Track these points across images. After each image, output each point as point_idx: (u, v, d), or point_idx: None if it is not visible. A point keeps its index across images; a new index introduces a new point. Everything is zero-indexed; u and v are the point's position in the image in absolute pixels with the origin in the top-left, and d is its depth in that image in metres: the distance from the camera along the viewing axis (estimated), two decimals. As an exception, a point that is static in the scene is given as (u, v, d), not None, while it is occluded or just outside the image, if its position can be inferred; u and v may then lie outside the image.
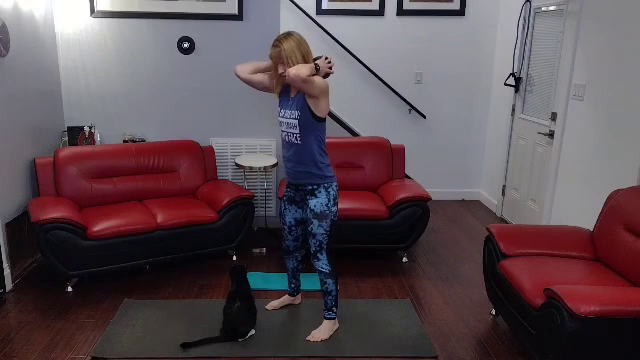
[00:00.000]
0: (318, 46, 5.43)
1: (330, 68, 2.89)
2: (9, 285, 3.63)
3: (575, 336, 2.33)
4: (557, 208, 4.33)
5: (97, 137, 4.55)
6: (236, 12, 4.50)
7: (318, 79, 2.79)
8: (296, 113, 2.89)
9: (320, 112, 2.89)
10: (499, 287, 3.13)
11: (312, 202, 2.99)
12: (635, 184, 3.29)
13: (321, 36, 5.42)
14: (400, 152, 4.70)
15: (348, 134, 5.01)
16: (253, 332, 3.12)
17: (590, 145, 3.88)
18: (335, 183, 3.04)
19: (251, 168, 4.49)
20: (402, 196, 4.09)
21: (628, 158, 3.44)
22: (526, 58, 4.99)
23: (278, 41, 2.86)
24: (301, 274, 3.47)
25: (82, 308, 3.43)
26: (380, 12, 5.51)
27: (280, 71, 2.88)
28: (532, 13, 4.86)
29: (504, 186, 5.41)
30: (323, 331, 3.13)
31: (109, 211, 3.86)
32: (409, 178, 4.91)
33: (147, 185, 4.24)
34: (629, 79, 3.46)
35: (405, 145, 4.78)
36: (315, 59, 2.87)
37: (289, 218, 3.21)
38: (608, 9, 3.71)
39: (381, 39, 5.55)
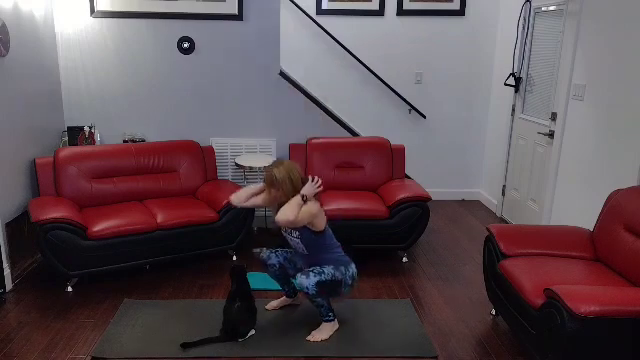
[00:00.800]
0: (318, 46, 5.46)
1: (319, 187, 3.02)
2: (9, 285, 3.63)
3: (575, 336, 2.33)
4: (557, 208, 4.33)
5: (97, 137, 4.55)
6: (236, 12, 4.50)
7: (306, 208, 2.95)
8: (296, 233, 3.06)
9: (318, 227, 3.04)
10: (499, 287, 3.13)
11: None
12: (635, 184, 3.29)
13: (321, 36, 5.42)
14: (400, 152, 4.70)
15: (348, 134, 5.01)
16: (253, 332, 3.12)
17: (590, 145, 3.88)
18: (353, 265, 3.13)
19: (251, 168, 4.49)
20: (402, 196, 4.09)
21: (628, 158, 3.44)
22: (526, 58, 4.99)
23: (270, 168, 3.06)
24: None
25: (82, 308, 3.43)
26: (380, 12, 5.51)
27: (272, 194, 3.06)
28: (532, 13, 4.86)
29: (504, 186, 5.41)
30: (323, 331, 3.13)
31: (109, 211, 3.86)
32: (409, 178, 4.91)
33: (147, 185, 4.24)
34: (629, 79, 3.46)
35: (405, 145, 4.78)
36: (303, 181, 3.01)
37: (274, 260, 3.27)
38: (608, 9, 3.71)
39: (381, 39, 5.55)
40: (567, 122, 4.19)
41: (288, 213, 2.90)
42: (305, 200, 2.95)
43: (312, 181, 3.00)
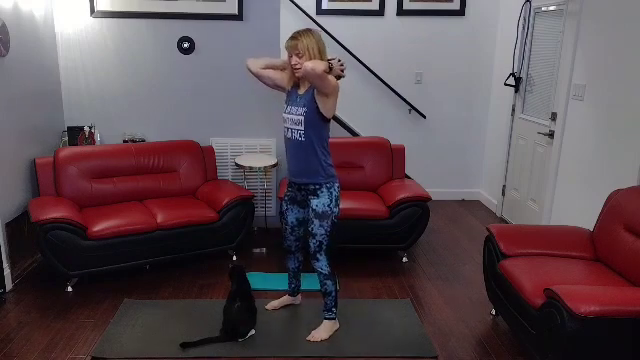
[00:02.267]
0: (318, 46, 5.45)
1: (342, 71, 2.90)
2: (9, 285, 3.63)
3: (575, 336, 2.33)
4: (557, 208, 4.33)
5: (97, 137, 4.55)
6: (236, 12, 4.50)
7: (331, 77, 2.80)
8: (302, 110, 2.91)
9: (327, 111, 2.90)
10: (499, 287, 3.13)
11: (314, 202, 2.99)
12: (635, 184, 3.29)
13: (321, 36, 5.40)
14: (400, 152, 4.70)
15: (348, 134, 5.01)
16: (253, 332, 3.12)
17: (590, 145, 3.88)
18: (337, 184, 3.05)
19: (251, 168, 4.49)
20: (402, 196, 4.09)
21: (628, 158, 3.44)
22: (526, 58, 4.99)
23: (298, 33, 2.90)
24: (302, 274, 3.47)
25: (82, 308, 3.43)
26: (380, 12, 5.51)
27: (293, 62, 2.90)
28: (532, 13, 4.86)
29: (504, 186, 5.41)
30: (323, 331, 3.13)
31: (109, 211, 3.86)
32: (409, 178, 4.91)
33: (147, 185, 4.24)
34: (629, 79, 3.46)
35: (405, 145, 4.78)
36: (329, 60, 2.87)
37: (291, 218, 3.22)
38: (608, 9, 3.71)
39: (381, 39, 5.55)
40: (567, 122, 4.19)
41: (317, 64, 2.71)
42: (331, 68, 2.79)
43: (337, 61, 2.87)
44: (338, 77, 2.88)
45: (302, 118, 2.91)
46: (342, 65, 2.89)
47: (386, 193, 4.33)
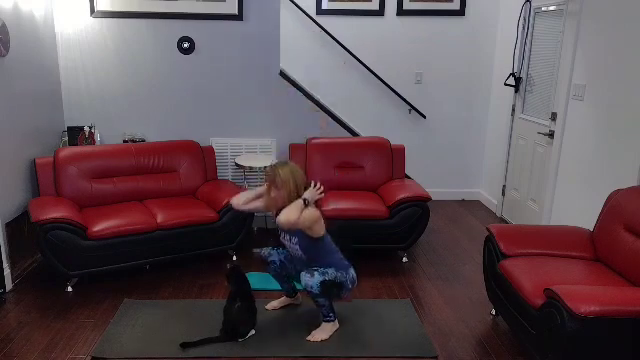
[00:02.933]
0: (318, 46, 5.46)
1: (321, 194, 3.02)
2: (9, 285, 3.63)
3: (575, 336, 2.33)
4: (557, 208, 4.33)
5: (97, 137, 4.55)
6: (236, 12, 4.50)
7: (307, 213, 2.92)
8: (295, 239, 3.06)
9: (316, 234, 3.01)
10: (499, 287, 3.13)
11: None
12: (635, 184, 3.29)
13: (321, 36, 5.42)
14: (400, 152, 4.70)
15: (348, 134, 5.01)
16: (253, 332, 3.12)
17: (590, 145, 3.88)
18: (352, 270, 3.12)
19: (251, 168, 4.49)
20: (402, 196, 4.09)
21: (628, 158, 3.44)
22: (526, 58, 4.99)
23: (275, 167, 3.03)
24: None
25: (82, 308, 3.43)
26: (380, 12, 5.51)
27: (273, 195, 3.02)
28: (532, 13, 4.86)
29: (504, 186, 5.41)
30: (323, 331, 3.13)
31: (109, 211, 3.86)
32: (409, 178, 4.91)
33: (147, 185, 4.24)
34: (629, 79, 3.46)
35: (405, 145, 4.78)
36: (304, 199, 2.96)
37: (275, 257, 3.26)
38: (608, 9, 3.71)
39: (381, 39, 5.55)
40: (567, 122, 4.19)
41: (290, 214, 2.88)
42: (307, 204, 2.93)
43: (314, 186, 3.00)
44: (317, 201, 3.02)
45: (297, 247, 3.07)
46: (319, 189, 3.01)
47: (386, 193, 4.33)
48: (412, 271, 4.11)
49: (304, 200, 2.93)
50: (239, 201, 3.23)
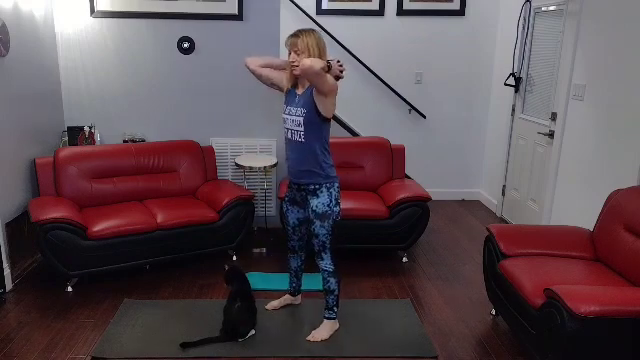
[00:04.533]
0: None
1: (341, 72, 2.87)
2: (9, 285, 3.63)
3: (575, 336, 2.33)
4: (557, 208, 4.33)
5: (97, 137, 4.55)
6: (236, 12, 4.50)
7: (329, 77, 2.78)
8: (302, 110, 2.90)
9: (326, 112, 2.89)
10: (499, 287, 3.13)
11: (314, 202, 2.99)
12: (635, 184, 3.29)
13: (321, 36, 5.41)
14: (400, 152, 4.70)
15: (348, 134, 5.01)
16: (253, 332, 3.12)
17: (590, 145, 3.88)
18: (337, 184, 3.05)
19: (251, 168, 4.49)
20: (402, 196, 4.09)
21: (628, 158, 3.44)
22: (526, 58, 4.99)
23: (299, 31, 2.90)
24: (303, 274, 3.46)
25: (82, 308, 3.43)
26: (380, 12, 5.51)
27: (292, 59, 2.89)
28: (532, 13, 4.86)
29: (504, 186, 5.41)
30: (323, 331, 3.13)
31: (109, 211, 3.86)
32: (409, 178, 4.91)
33: (147, 185, 4.24)
34: (629, 79, 3.46)
35: (405, 145, 4.78)
36: (328, 60, 2.85)
37: (292, 219, 3.22)
38: (608, 9, 3.71)
39: (381, 39, 5.55)
40: (567, 122, 4.19)
41: (315, 62, 2.69)
42: (330, 68, 2.76)
43: (336, 62, 2.85)
44: (337, 78, 2.87)
45: (301, 119, 2.90)
46: (341, 66, 2.87)
47: (386, 193, 4.33)
48: (412, 271, 4.11)
49: (328, 63, 2.74)
50: (255, 61, 3.08)
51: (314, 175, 2.97)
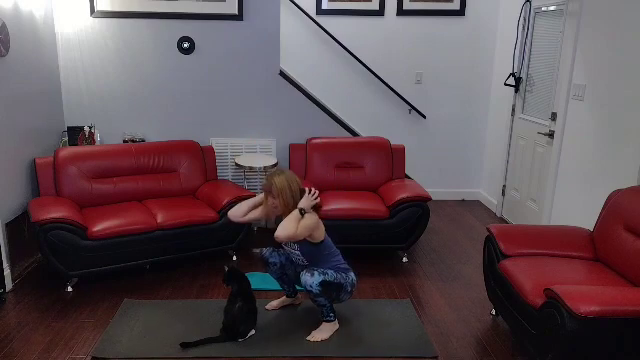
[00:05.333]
0: (318, 46, 5.46)
1: (316, 200, 3.00)
2: (9, 285, 3.63)
3: (575, 336, 2.33)
4: (557, 208, 4.33)
5: (97, 137, 4.55)
6: (236, 12, 4.51)
7: (304, 222, 2.93)
8: (295, 246, 3.07)
9: (316, 239, 3.03)
10: (499, 287, 3.13)
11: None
12: (635, 184, 3.29)
13: (321, 36, 5.42)
14: (400, 152, 4.70)
15: (348, 134, 5.01)
16: (253, 332, 3.12)
17: (590, 145, 3.88)
18: (352, 274, 3.14)
19: (251, 168, 4.49)
20: (402, 196, 4.09)
21: (628, 158, 3.44)
22: (526, 58, 4.99)
23: (270, 176, 3.04)
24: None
25: (82, 308, 3.43)
26: (380, 12, 5.51)
27: (270, 202, 3.04)
28: (532, 13, 4.86)
29: (504, 186, 5.41)
30: (323, 331, 3.13)
31: (109, 211, 3.86)
32: (409, 178, 4.91)
33: (147, 185, 4.24)
34: (629, 79, 3.47)
35: (405, 145, 4.78)
36: (301, 192, 3.00)
37: (274, 259, 3.27)
38: (608, 9, 3.71)
39: (381, 39, 5.55)
40: (567, 122, 4.19)
41: (288, 228, 2.88)
42: (303, 214, 2.94)
43: (309, 193, 2.99)
44: (316, 207, 3.02)
45: (298, 252, 3.09)
46: (314, 195, 2.99)
47: (386, 193, 4.33)
48: (412, 271, 4.11)
49: (300, 210, 2.94)
50: (237, 213, 3.22)
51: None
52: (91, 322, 3.26)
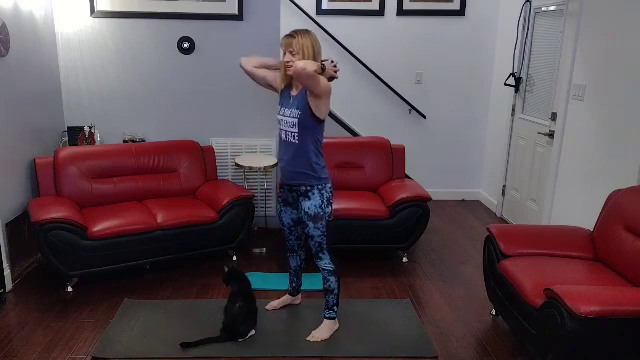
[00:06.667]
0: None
1: (335, 72, 2.89)
2: (9, 285, 3.63)
3: (575, 336, 2.33)
4: (557, 208, 4.33)
5: (97, 137, 4.55)
6: (236, 12, 4.50)
7: (322, 79, 2.79)
8: (296, 112, 2.89)
9: (320, 113, 2.88)
10: (499, 287, 3.13)
11: (305, 204, 2.99)
12: (635, 184, 3.29)
13: (321, 36, 5.41)
14: (400, 152, 4.70)
15: (348, 134, 5.01)
16: (253, 332, 3.12)
17: (590, 145, 3.88)
18: (329, 185, 3.04)
19: (251, 168, 4.49)
20: (402, 196, 4.09)
21: (628, 158, 3.44)
22: (526, 58, 4.99)
23: (295, 32, 2.88)
24: (303, 273, 3.46)
25: (82, 308, 3.43)
26: (380, 12, 5.51)
27: (286, 59, 2.88)
28: (532, 13, 4.86)
29: (504, 186, 5.41)
30: (323, 331, 3.13)
31: (109, 211, 3.86)
32: (409, 178, 4.91)
33: (147, 185, 4.24)
34: (629, 79, 3.46)
35: (405, 145, 4.78)
36: (322, 61, 2.86)
37: (286, 219, 3.23)
38: (608, 9, 3.71)
39: (381, 39, 5.55)
40: (567, 122, 4.19)
41: (308, 64, 2.69)
42: (323, 70, 2.79)
43: (331, 62, 2.86)
44: (331, 78, 2.88)
45: (295, 120, 2.89)
46: (335, 66, 2.88)
47: (386, 193, 4.33)
48: (412, 271, 4.11)
49: (322, 65, 2.78)
50: (250, 61, 3.09)
51: (306, 177, 2.97)
52: (91, 322, 3.26)
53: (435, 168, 5.85)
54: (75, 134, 4.47)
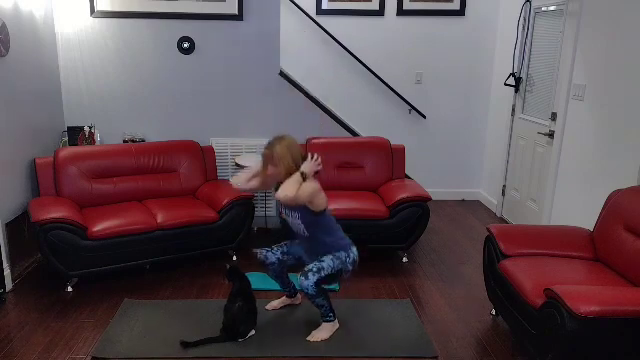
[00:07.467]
0: (318, 46, 5.46)
1: (318, 165, 2.97)
2: (9, 285, 3.63)
3: (575, 336, 2.33)
4: (557, 208, 4.33)
5: (97, 137, 4.55)
6: (236, 12, 4.50)
7: (305, 186, 2.87)
8: (296, 214, 3.01)
9: (317, 207, 2.97)
10: (499, 287, 3.13)
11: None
12: (635, 184, 3.29)
13: (321, 36, 5.42)
14: (400, 152, 4.70)
15: (348, 134, 5.01)
16: (253, 332, 3.12)
17: (590, 145, 3.88)
18: (354, 248, 3.09)
19: (251, 168, 4.48)
20: (402, 196, 4.09)
21: (628, 158, 3.44)
22: (526, 58, 4.99)
23: (270, 144, 2.96)
24: (291, 274, 3.41)
25: (82, 308, 3.43)
26: (380, 12, 5.51)
27: (270, 172, 2.98)
28: (532, 13, 4.86)
29: (504, 186, 5.41)
30: (323, 331, 3.13)
31: (109, 211, 3.86)
32: (409, 178, 4.91)
33: (147, 185, 4.24)
34: (629, 79, 3.46)
35: (405, 145, 4.78)
36: (303, 158, 2.95)
37: (272, 258, 3.23)
38: (608, 9, 3.71)
39: (381, 39, 5.55)
40: (567, 122, 4.19)
41: (288, 189, 2.82)
42: (304, 178, 2.88)
43: (311, 159, 2.94)
44: (316, 172, 2.97)
45: (299, 222, 3.02)
46: (317, 161, 2.96)
47: (386, 193, 4.33)
48: (412, 271, 4.11)
49: (302, 174, 2.88)
50: (240, 179, 3.15)
51: (323, 255, 3.03)
52: (91, 322, 3.26)
53: (435, 168, 5.85)
54: (75, 134, 4.47)
